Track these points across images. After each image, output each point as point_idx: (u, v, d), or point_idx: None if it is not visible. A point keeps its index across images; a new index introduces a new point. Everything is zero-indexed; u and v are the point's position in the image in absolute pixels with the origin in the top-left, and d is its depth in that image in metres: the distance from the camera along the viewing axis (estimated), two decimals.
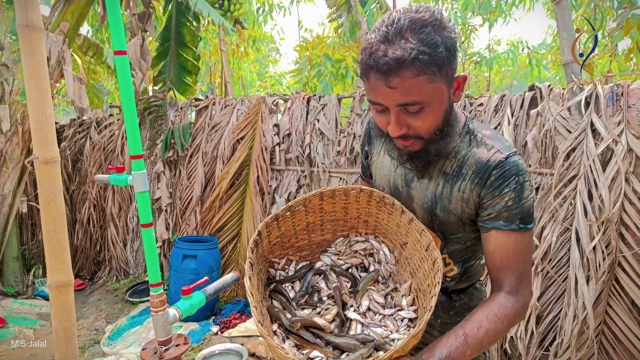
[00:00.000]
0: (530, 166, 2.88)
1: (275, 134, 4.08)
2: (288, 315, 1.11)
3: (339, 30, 6.32)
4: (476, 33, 9.32)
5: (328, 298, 1.20)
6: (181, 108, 4.61)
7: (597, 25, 5.16)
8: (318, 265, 1.30)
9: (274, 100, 4.16)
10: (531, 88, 3.01)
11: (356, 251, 1.32)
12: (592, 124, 2.59)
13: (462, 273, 1.26)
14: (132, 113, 1.12)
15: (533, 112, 2.87)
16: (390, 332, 1.07)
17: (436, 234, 1.20)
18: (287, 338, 1.07)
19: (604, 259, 2.45)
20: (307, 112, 4.00)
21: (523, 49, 9.39)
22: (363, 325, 1.10)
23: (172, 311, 1.18)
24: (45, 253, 1.86)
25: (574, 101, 2.65)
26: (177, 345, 1.21)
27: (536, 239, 2.72)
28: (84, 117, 5.21)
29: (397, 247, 1.27)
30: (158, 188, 4.52)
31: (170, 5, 4.91)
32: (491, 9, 8.49)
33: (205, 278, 1.32)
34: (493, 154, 1.06)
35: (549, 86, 2.89)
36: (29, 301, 3.98)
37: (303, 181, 3.97)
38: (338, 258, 1.31)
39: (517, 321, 1.06)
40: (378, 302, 1.16)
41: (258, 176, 4.07)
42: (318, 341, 1.04)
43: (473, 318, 1.02)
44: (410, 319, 1.11)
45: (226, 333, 3.41)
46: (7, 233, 4.11)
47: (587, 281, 2.50)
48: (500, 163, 1.05)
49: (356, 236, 1.36)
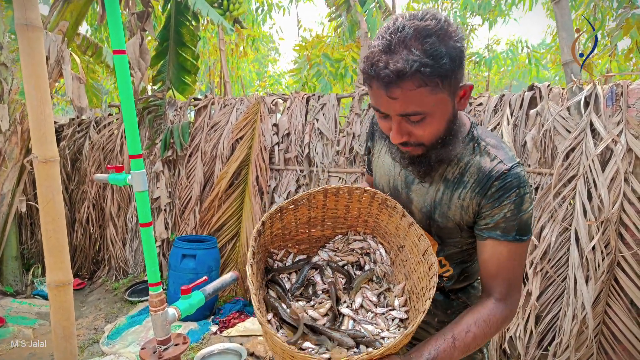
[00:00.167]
0: (529, 166, 2.88)
1: (274, 134, 4.08)
2: (284, 305, 1.13)
3: (339, 29, 6.32)
4: (475, 33, 9.30)
5: (322, 292, 1.22)
6: (180, 107, 4.61)
7: (597, 25, 5.16)
8: (315, 259, 1.32)
9: (273, 99, 4.15)
10: (530, 88, 3.01)
11: (353, 249, 1.33)
12: (592, 124, 2.59)
13: (459, 274, 1.27)
14: (131, 112, 1.12)
15: (532, 112, 2.87)
16: (380, 330, 1.09)
17: (433, 237, 1.21)
18: (281, 327, 1.09)
19: (603, 259, 2.46)
20: (307, 112, 4.00)
21: (522, 49, 9.39)
22: (355, 321, 1.12)
23: (171, 311, 1.18)
24: (44, 252, 1.86)
25: (574, 101, 2.65)
26: (176, 344, 1.21)
27: (535, 239, 2.72)
28: (83, 117, 5.20)
29: (394, 249, 1.28)
30: (157, 187, 4.51)
31: (169, 4, 4.91)
32: (491, 9, 8.49)
33: (204, 278, 1.32)
34: (496, 165, 1.06)
35: (549, 86, 2.89)
36: (28, 300, 3.98)
37: (302, 181, 3.97)
38: (335, 254, 1.33)
39: (504, 327, 1.09)
40: (371, 301, 1.19)
41: (257, 176, 4.07)
42: (310, 333, 1.05)
43: (462, 322, 1.04)
44: (400, 319, 1.14)
45: (225, 332, 3.41)
46: (6, 232, 4.11)
47: (587, 281, 2.50)
48: (502, 175, 1.04)
49: (355, 235, 1.37)
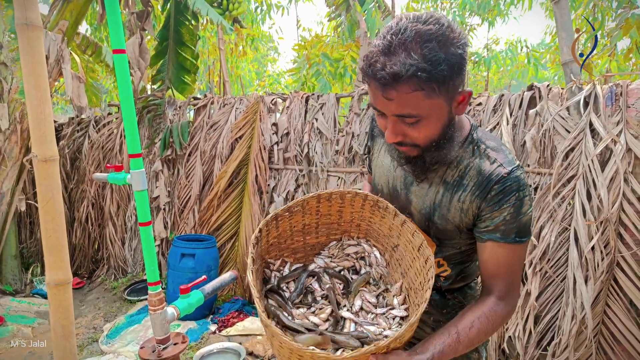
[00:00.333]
0: (528, 166, 2.88)
1: (273, 133, 4.08)
2: (285, 313, 1.13)
3: (338, 29, 6.32)
4: (474, 32, 9.29)
5: (322, 298, 1.23)
6: (180, 107, 4.60)
7: (597, 25, 5.16)
8: (312, 267, 1.32)
9: (273, 99, 4.15)
10: (530, 88, 3.01)
11: (348, 254, 1.34)
12: (591, 124, 2.60)
13: (457, 274, 1.27)
14: (131, 112, 1.12)
15: (532, 112, 2.87)
16: (383, 330, 1.10)
17: (432, 239, 1.21)
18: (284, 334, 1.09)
19: (603, 259, 2.46)
20: (306, 111, 4.00)
21: (522, 48, 9.39)
22: (356, 323, 1.13)
23: (171, 310, 1.18)
24: (44, 251, 1.85)
25: (573, 101, 2.65)
26: (175, 343, 1.22)
27: (535, 239, 2.73)
28: (83, 116, 5.20)
29: (388, 250, 1.29)
30: (156, 187, 4.51)
31: (168, 4, 4.90)
32: (490, 8, 8.49)
33: (203, 277, 1.32)
34: (496, 168, 1.06)
35: (548, 86, 2.89)
36: (28, 299, 3.98)
37: (301, 180, 3.96)
38: (331, 261, 1.34)
39: (502, 325, 1.14)
40: (370, 302, 1.19)
41: (256, 175, 4.06)
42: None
43: (465, 317, 1.07)
44: (401, 317, 1.15)
45: (224, 332, 3.41)
46: (6, 231, 4.11)
47: (586, 281, 2.50)
48: (502, 179, 1.05)
49: (349, 240, 1.38)
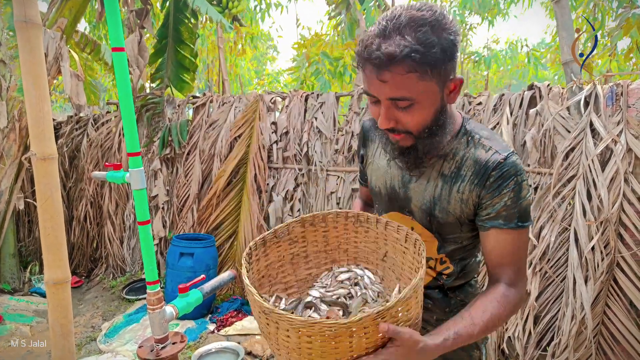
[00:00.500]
0: (529, 166, 2.87)
1: (272, 132, 4.07)
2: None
3: (338, 28, 6.31)
4: (474, 31, 9.30)
5: None
6: (179, 105, 4.59)
7: (597, 25, 5.16)
8: (308, 299, 1.28)
9: (272, 98, 4.14)
10: (530, 87, 3.00)
11: (342, 281, 1.31)
12: (592, 124, 2.59)
13: (459, 271, 1.27)
14: (130, 110, 1.11)
15: (532, 112, 2.86)
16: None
17: (433, 235, 1.21)
18: None
19: (603, 260, 2.45)
20: (305, 110, 3.99)
21: (522, 47, 9.40)
22: None
23: (169, 309, 1.17)
24: (42, 250, 1.85)
25: (574, 101, 2.65)
26: (174, 343, 1.21)
27: (534, 239, 2.72)
28: (81, 114, 5.18)
29: (380, 265, 1.28)
30: (155, 186, 4.50)
31: (167, 2, 4.89)
32: (490, 7, 8.49)
33: (202, 276, 1.31)
34: (492, 155, 1.08)
35: (548, 85, 2.88)
36: (26, 298, 3.97)
37: (300, 179, 3.96)
38: (326, 290, 1.30)
39: (515, 312, 1.09)
40: None
41: (255, 174, 4.06)
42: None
43: (477, 304, 1.05)
44: None
45: (223, 331, 3.40)
46: (4, 230, 4.09)
47: (586, 281, 2.50)
48: (499, 164, 1.06)
49: (339, 267, 1.36)
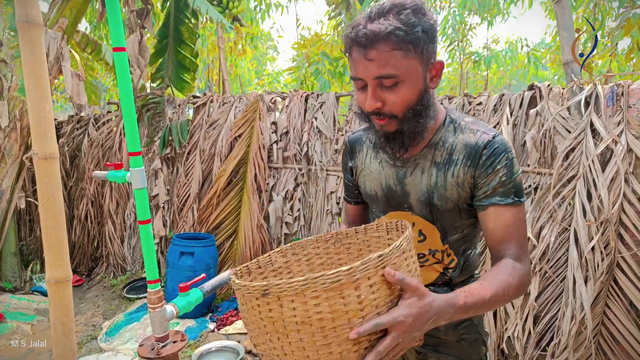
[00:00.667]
0: (529, 166, 2.88)
1: (272, 132, 4.08)
2: None
3: (338, 28, 6.31)
4: (474, 31, 9.28)
5: None
6: (179, 105, 4.60)
7: (597, 25, 5.16)
8: None
9: (272, 98, 4.15)
10: (530, 87, 3.00)
11: None
12: (592, 124, 2.59)
13: (463, 263, 1.28)
14: (131, 110, 1.11)
15: (532, 112, 2.86)
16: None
17: (435, 226, 1.23)
18: None
19: (603, 260, 2.46)
20: (305, 110, 3.99)
21: (522, 48, 9.39)
22: None
23: (170, 308, 1.17)
24: (44, 249, 1.85)
25: (574, 101, 2.65)
26: (174, 341, 1.21)
27: (534, 239, 2.72)
28: (82, 114, 5.18)
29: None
30: (155, 185, 4.51)
31: (168, 2, 4.89)
32: (489, 8, 8.48)
33: (202, 275, 1.32)
34: (480, 136, 1.13)
35: (549, 85, 2.89)
36: (27, 296, 3.97)
37: (300, 179, 3.96)
38: None
39: (523, 287, 1.07)
40: None
41: (255, 174, 4.06)
42: None
43: (486, 274, 1.05)
44: None
45: (223, 330, 3.41)
46: (5, 229, 4.10)
47: (585, 282, 2.50)
48: (489, 142, 1.11)
49: None
